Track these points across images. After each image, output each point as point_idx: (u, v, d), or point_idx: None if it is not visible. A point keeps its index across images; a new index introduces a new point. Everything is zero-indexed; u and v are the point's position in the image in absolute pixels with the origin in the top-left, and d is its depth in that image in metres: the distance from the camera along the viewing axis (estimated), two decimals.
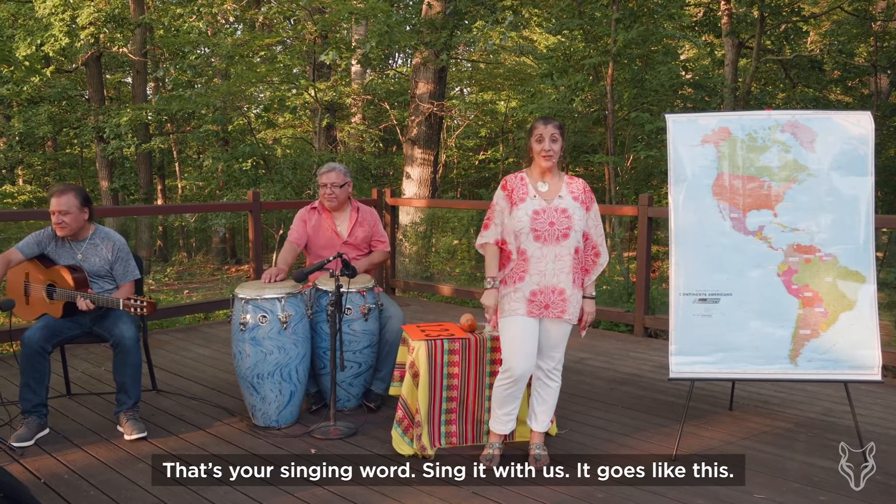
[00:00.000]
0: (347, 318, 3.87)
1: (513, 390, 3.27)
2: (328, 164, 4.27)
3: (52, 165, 18.48)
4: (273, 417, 3.74)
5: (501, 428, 3.34)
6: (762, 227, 3.40)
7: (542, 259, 3.16)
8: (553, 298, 3.17)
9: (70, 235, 3.70)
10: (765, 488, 3.07)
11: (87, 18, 11.32)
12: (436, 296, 7.68)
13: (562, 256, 3.16)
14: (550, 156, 3.16)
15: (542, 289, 3.17)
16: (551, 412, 3.36)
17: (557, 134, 3.17)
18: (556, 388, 3.35)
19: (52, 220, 3.66)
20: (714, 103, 11.80)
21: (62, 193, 3.63)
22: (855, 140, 3.36)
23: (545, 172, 3.23)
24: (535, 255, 3.17)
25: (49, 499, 2.94)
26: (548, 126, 3.17)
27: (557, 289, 3.17)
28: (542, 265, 3.16)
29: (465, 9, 9.81)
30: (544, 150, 3.16)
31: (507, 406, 3.31)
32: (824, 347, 3.36)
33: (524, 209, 3.17)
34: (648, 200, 5.71)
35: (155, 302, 3.56)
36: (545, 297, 3.17)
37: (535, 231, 3.16)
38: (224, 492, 3.02)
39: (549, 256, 3.16)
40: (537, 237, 3.16)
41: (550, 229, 3.16)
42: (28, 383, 3.52)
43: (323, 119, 11.95)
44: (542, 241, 3.16)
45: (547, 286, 3.17)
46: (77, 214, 3.66)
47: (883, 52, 12.49)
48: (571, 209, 3.17)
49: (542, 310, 3.18)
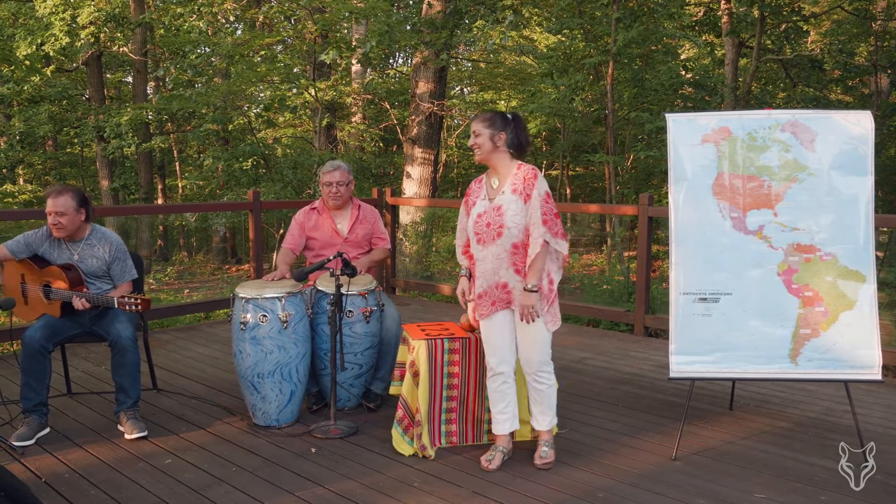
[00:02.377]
0: (349, 321, 3.86)
1: (496, 385, 3.31)
2: (332, 163, 4.27)
3: (52, 165, 18.49)
4: (273, 417, 3.74)
5: (499, 428, 3.35)
6: (762, 226, 3.40)
7: (484, 260, 3.21)
8: (497, 294, 3.21)
9: (67, 237, 3.69)
10: (765, 488, 3.07)
11: (87, 18, 11.32)
12: (436, 295, 7.68)
13: (499, 255, 3.17)
14: (476, 150, 3.22)
15: (487, 288, 3.22)
16: (550, 412, 3.35)
17: (481, 128, 3.19)
18: (547, 389, 3.29)
19: (48, 221, 3.64)
20: (714, 103, 11.80)
21: (59, 194, 3.61)
22: (855, 139, 3.36)
23: (492, 168, 3.27)
24: (479, 256, 3.23)
25: (50, 498, 2.94)
26: (473, 123, 3.26)
27: (500, 283, 3.20)
28: (484, 266, 3.21)
29: (465, 8, 9.81)
30: (470, 144, 3.25)
31: (499, 404, 3.33)
32: (824, 347, 3.36)
33: (473, 213, 3.26)
34: (648, 200, 5.72)
35: (150, 299, 3.58)
36: (490, 296, 3.22)
37: (477, 234, 3.22)
38: (225, 491, 3.03)
39: (489, 257, 3.19)
40: (479, 240, 3.22)
41: (488, 230, 3.18)
42: (29, 382, 3.53)
43: (323, 118, 11.96)
44: (482, 243, 3.21)
45: (490, 284, 3.21)
46: (73, 216, 3.64)
47: (883, 51, 12.49)
48: (506, 205, 3.13)
49: (489, 307, 3.23)
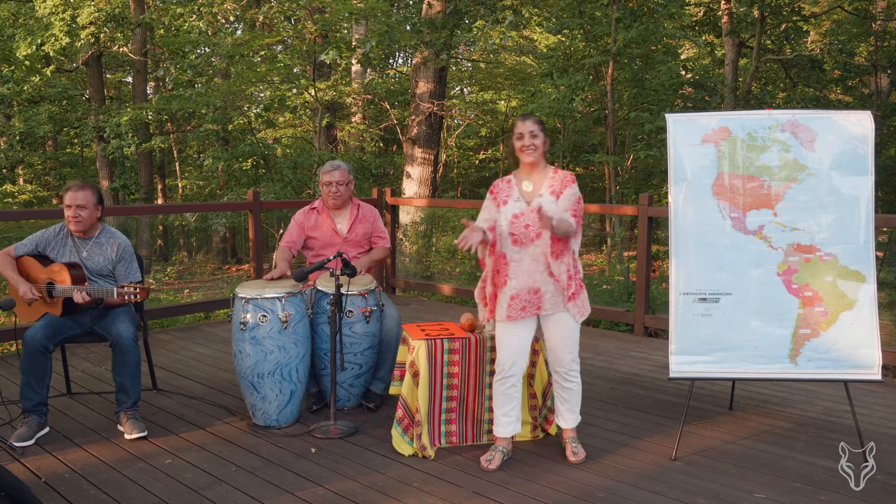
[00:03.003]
0: (349, 321, 3.86)
1: (504, 388, 3.32)
2: (332, 163, 4.28)
3: (52, 165, 18.50)
4: (273, 417, 3.74)
5: (501, 430, 3.36)
6: (762, 226, 3.41)
7: (521, 262, 3.20)
8: (529, 298, 3.21)
9: (82, 231, 3.73)
10: (765, 488, 3.07)
11: (87, 18, 11.33)
12: (436, 295, 7.68)
13: (537, 257, 3.18)
14: (531, 150, 3.19)
15: (519, 291, 3.21)
16: (576, 409, 3.41)
17: (537, 129, 3.20)
18: (575, 387, 3.38)
19: (67, 214, 3.70)
20: (714, 103, 11.80)
21: (80, 189, 3.70)
22: (855, 139, 3.36)
23: (530, 170, 3.26)
24: (514, 258, 3.21)
25: (50, 498, 2.94)
26: (526, 122, 3.22)
27: (533, 288, 3.20)
28: (520, 268, 3.20)
29: (465, 8, 9.81)
30: (524, 145, 3.20)
31: (505, 406, 3.33)
32: (824, 347, 3.36)
33: (505, 213, 3.22)
34: (648, 200, 5.72)
35: (148, 288, 3.62)
36: (521, 299, 3.21)
37: (513, 235, 3.20)
38: (225, 491, 3.03)
39: (526, 259, 3.19)
40: (514, 241, 3.20)
41: (526, 231, 3.18)
42: (29, 382, 3.53)
43: (323, 118, 11.96)
44: (519, 244, 3.20)
45: (523, 288, 3.20)
46: (92, 211, 3.73)
47: (883, 51, 12.48)
48: (546, 206, 3.15)
49: (519, 312, 3.22)
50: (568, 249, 3.24)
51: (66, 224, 3.74)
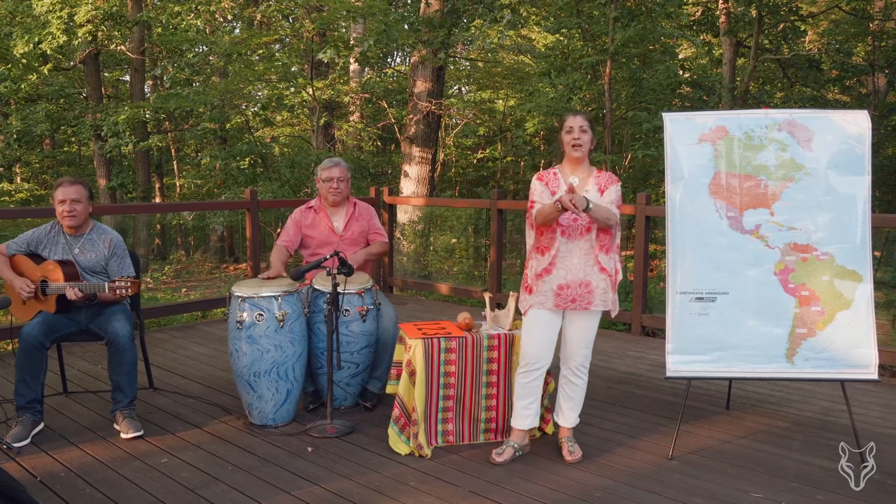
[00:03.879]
0: (345, 320, 3.86)
1: (528, 380, 3.33)
2: (331, 160, 4.29)
3: (50, 163, 18.47)
4: (270, 416, 3.73)
5: (520, 423, 3.38)
6: (759, 225, 3.40)
7: (569, 254, 3.23)
8: (580, 292, 3.24)
9: (75, 227, 3.73)
10: (762, 487, 3.07)
11: (84, 16, 11.28)
12: (434, 294, 7.67)
13: (587, 250, 3.23)
14: (580, 145, 3.22)
15: (570, 282, 3.24)
16: (578, 408, 3.43)
17: (587, 126, 3.25)
18: (583, 384, 3.40)
19: (60, 211, 3.67)
20: (712, 102, 11.81)
21: (72, 184, 3.69)
22: (852, 139, 3.36)
23: (576, 165, 3.28)
24: (562, 249, 3.24)
25: (45, 497, 2.93)
26: (577, 118, 3.25)
27: (584, 282, 3.24)
28: (569, 260, 3.23)
29: (463, 7, 9.80)
30: (574, 139, 3.22)
31: (525, 399, 3.36)
32: (821, 346, 3.36)
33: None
34: (646, 199, 5.71)
35: (139, 281, 3.61)
36: (572, 291, 3.24)
37: (561, 226, 3.22)
38: (221, 490, 3.02)
39: (575, 251, 3.23)
40: (563, 232, 3.23)
41: (575, 224, 3.22)
42: (24, 378, 3.52)
43: (321, 117, 11.94)
44: (567, 236, 3.23)
45: (574, 280, 3.23)
46: (86, 205, 3.73)
47: (881, 51, 12.50)
48: (595, 201, 3.19)
49: (568, 303, 3.25)
50: (614, 245, 3.30)
51: (60, 220, 3.72)
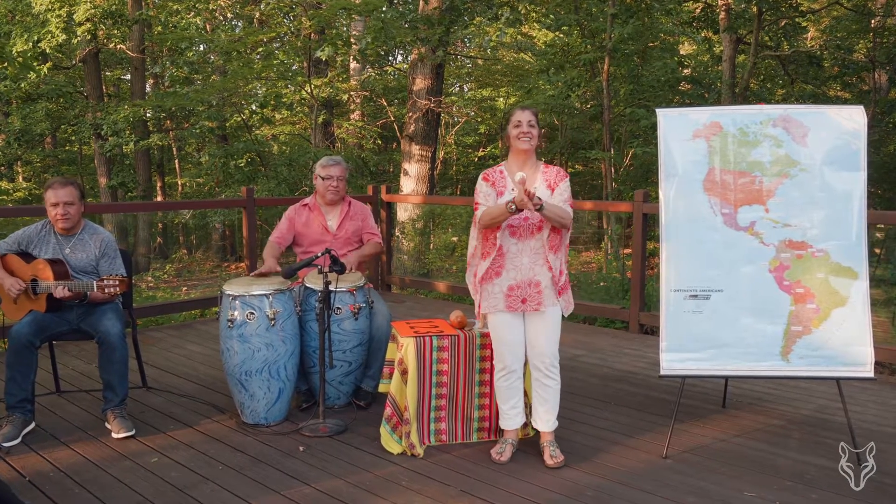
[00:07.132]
0: (337, 318, 3.83)
1: (508, 383, 3.30)
2: (331, 157, 4.25)
3: (50, 162, 18.45)
4: (262, 415, 3.71)
5: (509, 423, 3.35)
6: (754, 222, 3.37)
7: (519, 254, 3.18)
8: (530, 292, 3.18)
9: (67, 229, 3.70)
10: (756, 486, 3.04)
11: (84, 14, 11.26)
12: (433, 293, 7.64)
13: (537, 249, 3.17)
14: (528, 137, 3.16)
15: (519, 283, 3.18)
16: (554, 411, 3.32)
17: (535, 120, 3.19)
18: (555, 385, 3.29)
19: (53, 214, 3.65)
20: (711, 99, 11.76)
21: (64, 185, 3.66)
22: (848, 135, 3.33)
23: (523, 161, 3.22)
24: (512, 250, 3.18)
25: (33, 497, 2.91)
26: (525, 112, 3.21)
27: (534, 282, 3.18)
28: (519, 260, 3.18)
29: (462, 4, 9.76)
30: (522, 131, 3.16)
31: (510, 400, 3.33)
32: (816, 344, 3.33)
33: (502, 203, 3.16)
34: (644, 197, 5.68)
35: (127, 280, 3.59)
36: (522, 291, 3.18)
37: (511, 226, 3.16)
38: (210, 490, 3.00)
39: (525, 251, 3.17)
40: (513, 233, 3.17)
41: (525, 224, 3.16)
42: (14, 377, 3.50)
43: (320, 115, 11.92)
44: (517, 236, 3.17)
45: (524, 280, 3.18)
46: (79, 206, 3.71)
47: (882, 48, 12.42)
48: (545, 199, 3.11)
49: (519, 303, 3.19)
50: (563, 243, 3.24)
51: (53, 222, 3.70)
